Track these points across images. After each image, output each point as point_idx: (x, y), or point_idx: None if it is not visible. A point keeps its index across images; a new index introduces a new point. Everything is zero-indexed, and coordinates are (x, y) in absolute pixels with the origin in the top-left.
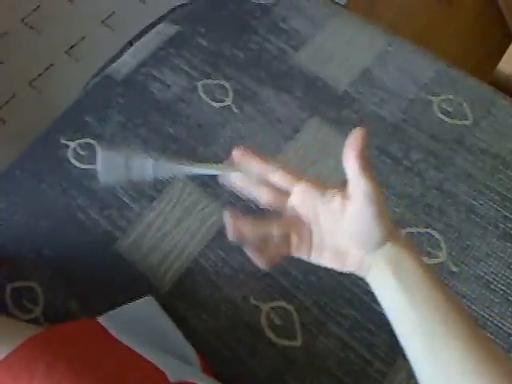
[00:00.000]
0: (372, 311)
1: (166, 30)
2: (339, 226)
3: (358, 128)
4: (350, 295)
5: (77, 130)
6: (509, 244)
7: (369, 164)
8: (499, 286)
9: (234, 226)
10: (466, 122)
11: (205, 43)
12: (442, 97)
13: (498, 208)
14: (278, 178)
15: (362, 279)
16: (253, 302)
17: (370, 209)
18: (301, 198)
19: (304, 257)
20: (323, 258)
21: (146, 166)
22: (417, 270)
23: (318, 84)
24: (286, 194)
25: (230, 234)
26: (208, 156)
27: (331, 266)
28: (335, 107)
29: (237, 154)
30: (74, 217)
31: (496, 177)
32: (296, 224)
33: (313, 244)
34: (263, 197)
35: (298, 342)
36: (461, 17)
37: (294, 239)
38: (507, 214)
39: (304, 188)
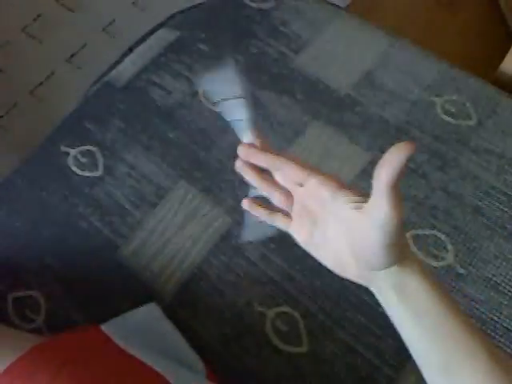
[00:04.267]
0: (378, 315)
1: (166, 35)
2: (345, 235)
3: (407, 142)
4: (356, 299)
5: (77, 138)
6: None
7: (397, 188)
8: (508, 287)
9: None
10: (470, 123)
11: (205, 48)
12: (445, 97)
13: (505, 209)
14: (287, 172)
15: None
16: (257, 308)
17: (378, 237)
18: (312, 194)
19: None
20: (323, 258)
21: None
22: (424, 296)
23: (320, 87)
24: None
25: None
26: (210, 161)
27: (331, 269)
28: (337, 110)
29: (243, 150)
30: (75, 224)
31: (502, 177)
32: (302, 207)
33: (314, 239)
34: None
35: (304, 349)
36: (462, 17)
37: (295, 219)
38: None
39: (316, 185)
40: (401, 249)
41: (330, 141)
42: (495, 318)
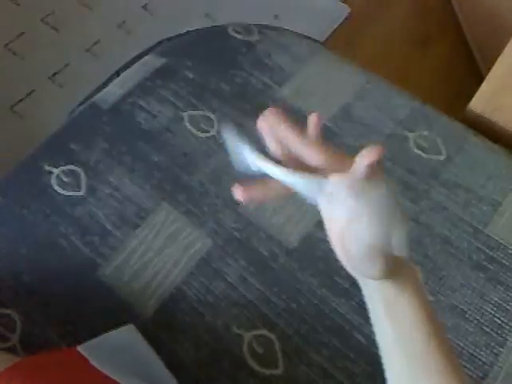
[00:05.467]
0: (352, 339)
1: (153, 61)
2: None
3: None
4: (331, 323)
5: (61, 157)
6: (481, 274)
7: None
8: (473, 315)
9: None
10: (440, 158)
11: (191, 76)
12: (418, 133)
13: (471, 240)
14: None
15: (343, 306)
16: (235, 330)
17: (362, 250)
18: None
19: None
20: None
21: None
22: (411, 317)
23: (300, 118)
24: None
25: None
26: (193, 184)
27: (333, 247)
28: None
29: (270, 117)
30: (55, 243)
31: (469, 210)
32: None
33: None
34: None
35: (279, 371)
36: (434, 57)
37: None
38: (479, 246)
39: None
40: (391, 266)
41: None
42: (461, 345)
